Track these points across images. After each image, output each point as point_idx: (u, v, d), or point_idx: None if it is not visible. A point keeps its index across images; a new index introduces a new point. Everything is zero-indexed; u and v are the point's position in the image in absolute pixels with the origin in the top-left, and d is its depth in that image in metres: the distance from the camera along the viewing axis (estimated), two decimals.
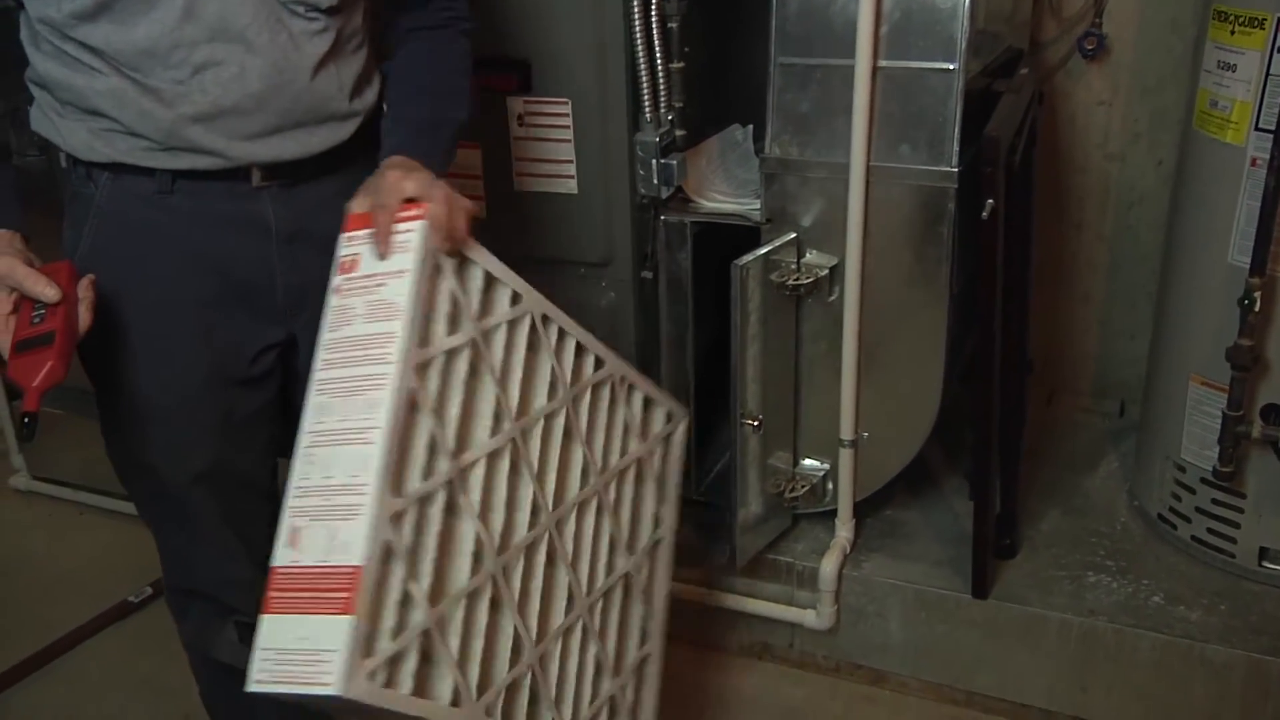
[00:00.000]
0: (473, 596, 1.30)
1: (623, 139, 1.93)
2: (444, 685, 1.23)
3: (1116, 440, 2.48)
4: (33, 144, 2.52)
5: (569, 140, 1.96)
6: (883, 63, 1.79)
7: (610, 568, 1.57)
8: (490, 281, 1.38)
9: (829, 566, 2.03)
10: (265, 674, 1.12)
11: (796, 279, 1.91)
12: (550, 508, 1.44)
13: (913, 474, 2.13)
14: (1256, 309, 1.79)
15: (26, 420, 1.18)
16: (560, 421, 1.48)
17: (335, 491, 1.16)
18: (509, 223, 2.06)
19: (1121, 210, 2.51)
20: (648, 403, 1.68)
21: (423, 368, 1.24)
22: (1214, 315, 1.89)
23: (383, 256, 1.25)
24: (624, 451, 1.62)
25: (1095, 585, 1.99)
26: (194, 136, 1.31)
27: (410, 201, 1.26)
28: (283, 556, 1.17)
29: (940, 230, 1.83)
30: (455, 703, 1.24)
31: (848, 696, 2.09)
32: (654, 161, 1.94)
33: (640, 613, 1.65)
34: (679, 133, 1.98)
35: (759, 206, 1.95)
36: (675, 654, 2.19)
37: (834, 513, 2.09)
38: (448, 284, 1.30)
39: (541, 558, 1.43)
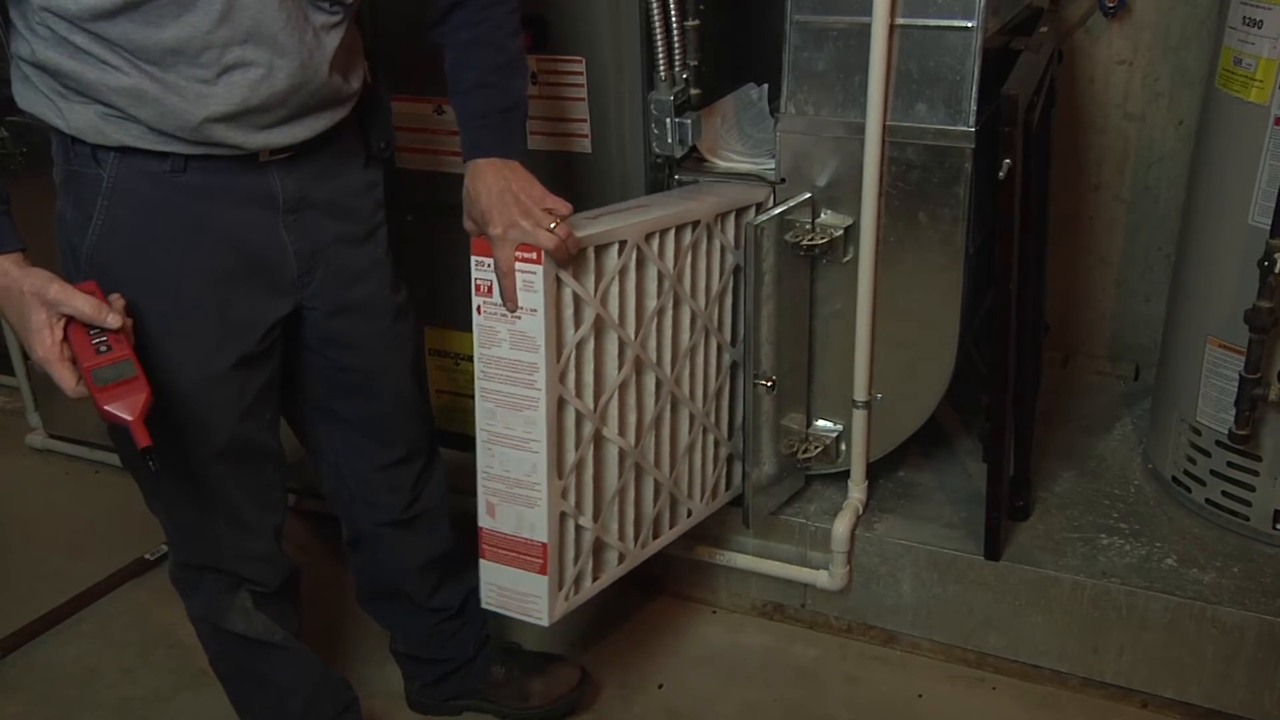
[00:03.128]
0: (624, 488, 1.77)
1: (637, 98, 1.92)
2: (612, 556, 1.79)
3: (1131, 403, 2.47)
4: None
5: (583, 99, 1.94)
6: (900, 20, 1.76)
7: (719, 367, 1.96)
8: (598, 250, 1.58)
9: (841, 527, 2.03)
10: (491, 601, 1.66)
11: (811, 239, 1.90)
12: (670, 374, 1.81)
13: (926, 435, 2.13)
14: (1276, 270, 1.77)
15: (151, 459, 1.22)
16: (670, 305, 1.78)
17: (515, 484, 1.57)
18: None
19: (1140, 171, 2.49)
20: (738, 213, 1.90)
21: (562, 374, 1.55)
22: (1232, 277, 1.87)
23: (512, 311, 1.47)
24: (722, 272, 1.89)
25: (1108, 547, 1.99)
26: (216, 134, 1.31)
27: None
28: (484, 521, 1.61)
29: (956, 190, 1.82)
30: (621, 560, 1.81)
31: (859, 657, 2.10)
32: (668, 120, 1.93)
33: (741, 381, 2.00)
34: (694, 91, 1.96)
35: (774, 166, 1.94)
36: (686, 613, 2.21)
37: (847, 474, 2.09)
38: (568, 288, 1.53)
39: (668, 415, 1.84)
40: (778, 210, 1.87)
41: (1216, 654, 1.85)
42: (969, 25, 1.74)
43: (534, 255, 1.44)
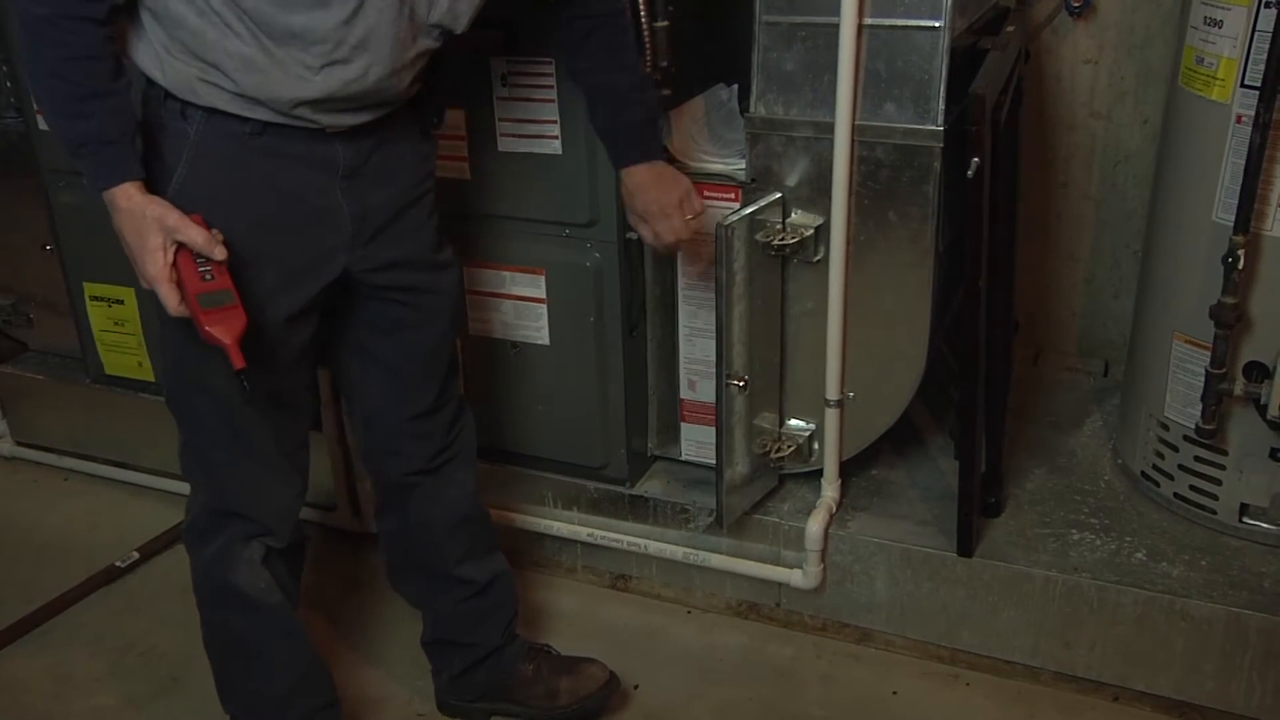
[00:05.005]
0: None
1: None
2: None
3: (1101, 399, 2.49)
4: (10, 105, 2.50)
5: (553, 100, 1.94)
6: (868, 20, 1.77)
7: None
8: None
9: (815, 526, 2.04)
10: (691, 453, 2.21)
11: (782, 239, 1.90)
12: None
13: (898, 433, 2.14)
14: (1240, 266, 1.79)
15: (245, 381, 1.35)
16: None
17: (710, 364, 2.01)
18: (494, 184, 2.04)
19: (1107, 169, 2.51)
20: None
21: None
22: (1198, 273, 1.89)
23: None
24: None
25: (1079, 543, 2.00)
26: (300, 113, 1.44)
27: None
28: (686, 394, 2.17)
29: (926, 189, 1.83)
30: None
31: (834, 655, 2.10)
32: None
33: None
34: (664, 92, 1.96)
35: (744, 166, 1.94)
36: (662, 613, 2.21)
37: (820, 472, 2.10)
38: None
39: None
40: (748, 210, 1.88)
41: (1186, 646, 1.87)
42: (936, 25, 1.75)
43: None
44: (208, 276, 1.37)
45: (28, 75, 1.39)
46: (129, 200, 1.37)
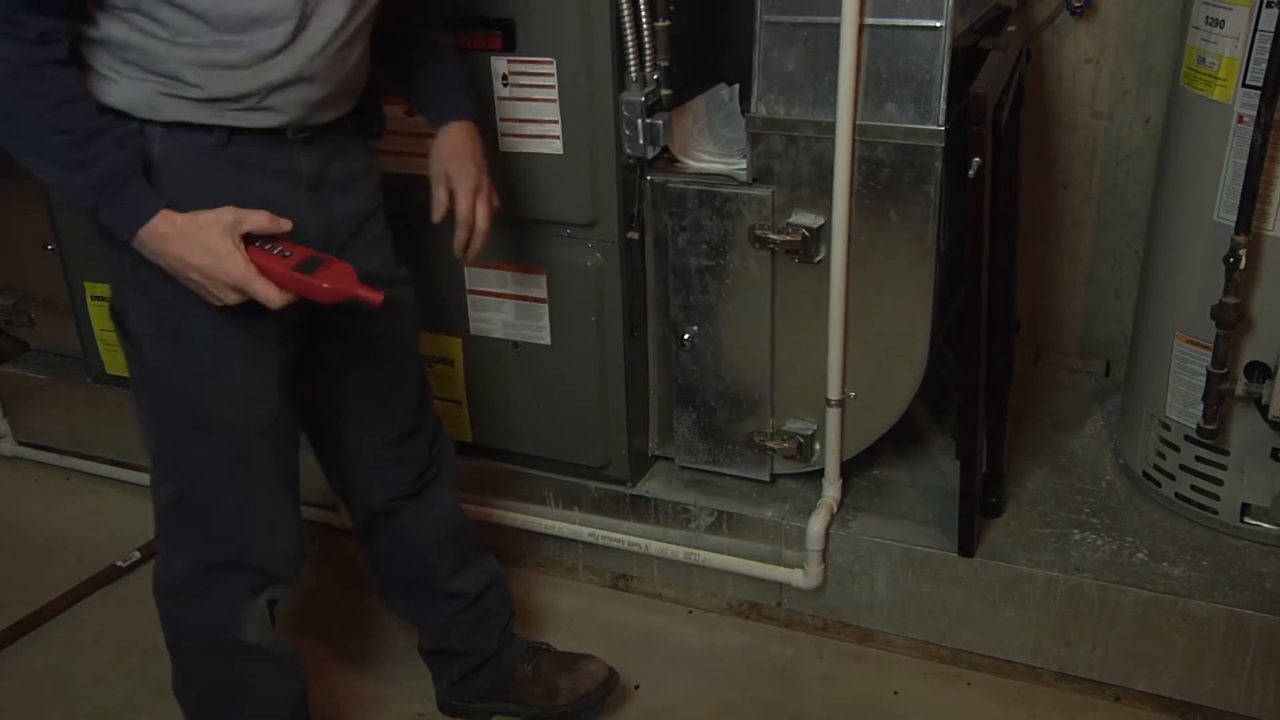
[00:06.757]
0: None
1: (608, 99, 1.92)
2: None
3: (1102, 399, 2.49)
4: None
5: (554, 100, 1.94)
6: (869, 20, 1.77)
7: None
8: None
9: (816, 526, 2.04)
10: None
11: (782, 238, 1.90)
12: None
13: (899, 433, 2.13)
14: (1241, 266, 1.79)
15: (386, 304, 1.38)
16: None
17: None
18: (494, 184, 2.04)
19: (1109, 169, 2.51)
20: None
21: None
22: (1199, 273, 1.89)
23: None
24: None
25: (1080, 543, 2.00)
26: (271, 102, 1.40)
27: None
28: None
29: (927, 189, 1.83)
30: None
31: (835, 655, 2.10)
32: (640, 121, 1.92)
33: None
34: (665, 92, 1.96)
35: (745, 166, 1.94)
36: (662, 613, 2.21)
37: (821, 472, 2.09)
38: None
39: None
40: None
41: (1187, 646, 1.87)
42: (937, 25, 1.75)
43: None
44: (286, 254, 1.35)
45: (16, 147, 1.30)
46: (173, 224, 1.33)
